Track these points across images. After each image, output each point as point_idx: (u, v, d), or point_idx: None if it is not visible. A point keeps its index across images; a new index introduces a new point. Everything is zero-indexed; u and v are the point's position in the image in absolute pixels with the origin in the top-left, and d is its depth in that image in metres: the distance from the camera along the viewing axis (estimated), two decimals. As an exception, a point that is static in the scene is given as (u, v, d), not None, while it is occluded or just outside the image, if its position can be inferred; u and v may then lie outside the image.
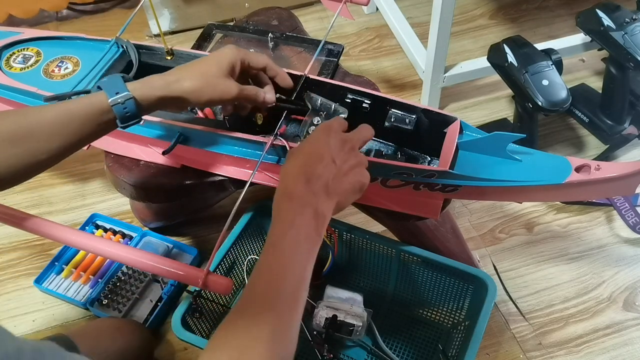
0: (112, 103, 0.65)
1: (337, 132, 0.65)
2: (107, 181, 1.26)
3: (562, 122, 1.37)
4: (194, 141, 0.84)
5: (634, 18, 1.13)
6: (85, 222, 1.19)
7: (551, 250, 1.16)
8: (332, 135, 0.64)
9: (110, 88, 0.66)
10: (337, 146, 0.63)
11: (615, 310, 1.07)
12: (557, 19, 1.61)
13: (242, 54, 0.73)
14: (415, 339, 0.99)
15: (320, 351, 0.92)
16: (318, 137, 0.64)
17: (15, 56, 0.95)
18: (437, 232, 0.95)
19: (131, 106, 0.66)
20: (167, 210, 1.17)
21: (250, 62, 0.74)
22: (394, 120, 0.83)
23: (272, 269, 0.56)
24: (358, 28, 1.63)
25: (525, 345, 1.03)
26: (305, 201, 0.59)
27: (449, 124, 0.80)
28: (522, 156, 0.74)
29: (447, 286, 0.95)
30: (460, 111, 1.40)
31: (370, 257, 0.98)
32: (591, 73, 1.47)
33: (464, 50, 1.54)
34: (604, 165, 0.70)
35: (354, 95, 0.85)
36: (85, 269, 1.12)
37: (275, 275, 0.55)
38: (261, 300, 0.54)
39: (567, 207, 1.22)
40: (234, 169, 0.86)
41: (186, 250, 1.15)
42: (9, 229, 0.85)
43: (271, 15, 1.12)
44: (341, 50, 0.98)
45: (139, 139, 0.88)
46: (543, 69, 1.09)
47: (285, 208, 0.59)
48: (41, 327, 1.08)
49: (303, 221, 0.58)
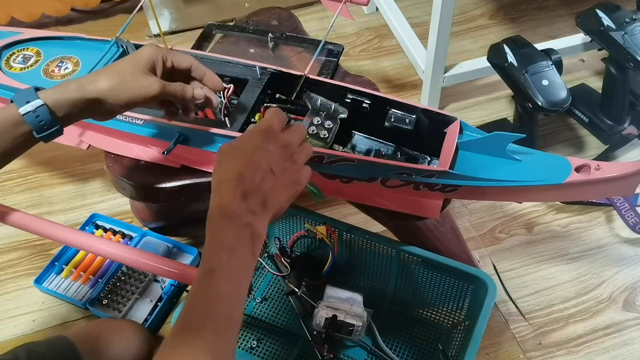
0: (22, 112, 0.62)
1: (277, 134, 0.60)
2: (107, 181, 1.26)
3: (562, 122, 1.37)
4: (194, 141, 0.84)
5: (634, 18, 1.13)
6: (85, 222, 1.19)
7: (551, 250, 1.16)
8: (272, 140, 0.59)
9: (20, 99, 0.63)
10: (277, 153, 0.58)
11: (615, 310, 1.07)
12: (557, 19, 1.61)
13: (163, 51, 0.70)
14: (415, 339, 0.99)
15: (320, 351, 0.92)
16: (256, 141, 0.59)
17: (15, 56, 0.95)
18: (437, 232, 0.95)
19: (44, 114, 0.63)
20: (167, 210, 1.17)
21: (173, 61, 0.71)
22: (394, 120, 0.83)
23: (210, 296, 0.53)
24: (358, 28, 1.63)
25: (525, 345, 1.03)
26: (243, 222, 0.55)
27: (449, 124, 0.80)
28: (522, 156, 0.74)
29: (447, 286, 0.95)
30: (460, 111, 1.40)
31: (370, 257, 0.99)
32: (591, 73, 1.47)
33: (464, 50, 1.54)
34: (603, 165, 0.70)
35: (354, 95, 0.85)
36: (85, 269, 1.12)
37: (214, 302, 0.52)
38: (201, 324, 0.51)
39: (567, 207, 1.22)
40: (234, 169, 0.86)
41: (186, 250, 1.15)
42: (9, 229, 0.85)
43: (271, 15, 1.12)
44: (341, 50, 0.98)
45: (139, 139, 0.88)
46: (543, 69, 1.09)
47: (222, 228, 0.55)
48: (41, 327, 1.08)
49: (241, 245, 0.54)
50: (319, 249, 0.98)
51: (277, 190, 0.58)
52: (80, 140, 0.94)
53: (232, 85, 0.86)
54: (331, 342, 0.93)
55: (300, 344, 0.98)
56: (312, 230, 0.95)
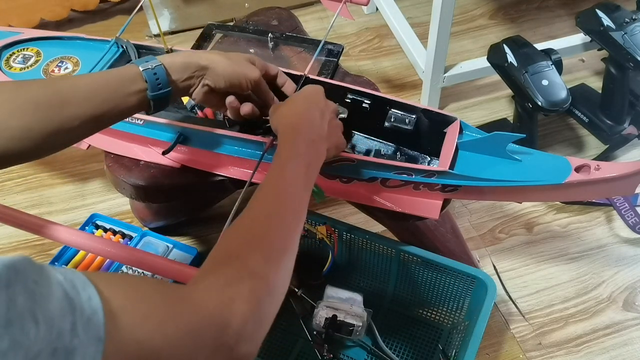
0: (142, 68, 0.67)
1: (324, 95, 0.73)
2: (107, 181, 1.26)
3: (562, 122, 1.37)
4: (194, 141, 0.84)
5: (634, 18, 1.13)
6: (85, 222, 1.19)
7: (551, 250, 1.16)
8: (321, 96, 0.72)
9: (139, 61, 0.68)
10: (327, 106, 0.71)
11: (615, 310, 1.07)
12: (557, 19, 1.61)
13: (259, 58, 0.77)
14: (415, 339, 0.99)
15: (320, 351, 0.92)
16: (314, 93, 0.72)
17: (15, 56, 0.95)
18: (437, 232, 0.95)
19: (161, 72, 0.68)
20: (167, 210, 1.17)
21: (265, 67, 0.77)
22: (394, 120, 0.83)
23: (278, 184, 0.60)
24: (358, 28, 1.63)
25: (525, 345, 1.03)
26: (310, 138, 0.66)
27: (449, 124, 0.80)
28: (522, 156, 0.74)
29: (447, 286, 0.95)
30: (460, 111, 1.40)
31: (370, 257, 0.99)
32: (591, 73, 1.47)
33: (464, 50, 1.54)
34: (603, 165, 0.70)
35: (354, 95, 0.85)
36: (85, 269, 1.12)
37: (283, 190, 0.60)
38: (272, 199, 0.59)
39: (567, 207, 1.22)
40: (234, 169, 0.86)
41: (186, 250, 1.15)
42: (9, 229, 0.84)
43: (271, 15, 1.12)
44: (341, 50, 0.98)
45: (139, 139, 0.88)
46: (543, 69, 1.09)
47: (292, 139, 0.65)
48: (41, 327, 1.08)
49: (308, 154, 0.64)
50: (319, 249, 0.98)
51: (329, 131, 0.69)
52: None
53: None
54: (331, 342, 0.93)
55: (300, 344, 0.98)
56: (312, 230, 0.95)
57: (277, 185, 0.60)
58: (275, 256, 0.54)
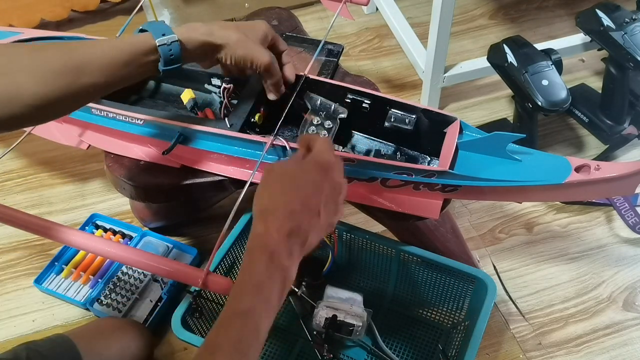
0: (159, 43, 0.66)
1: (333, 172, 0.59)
2: (107, 181, 1.26)
3: (562, 122, 1.37)
4: (194, 141, 0.84)
5: (634, 18, 1.13)
6: (85, 222, 1.19)
7: (551, 250, 1.16)
8: (328, 179, 0.58)
9: (156, 30, 0.67)
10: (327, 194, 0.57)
11: (615, 310, 1.07)
12: (557, 19, 1.61)
13: (272, 31, 0.77)
14: (415, 339, 0.99)
15: (320, 351, 0.92)
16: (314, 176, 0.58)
17: (15, 56, 0.94)
18: (437, 232, 0.95)
19: (176, 49, 0.67)
20: (167, 210, 1.17)
21: (276, 42, 0.77)
22: (394, 120, 0.83)
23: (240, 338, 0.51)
24: (358, 28, 1.63)
25: (525, 345, 1.03)
26: (282, 265, 0.54)
27: (449, 124, 0.80)
28: (522, 156, 0.74)
29: (447, 286, 0.95)
30: (460, 111, 1.40)
31: (370, 257, 0.99)
32: (591, 73, 1.47)
33: (464, 50, 1.54)
34: (603, 165, 0.70)
35: (353, 95, 0.85)
36: (85, 269, 1.12)
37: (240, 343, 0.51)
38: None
39: (567, 207, 1.22)
40: (234, 169, 0.86)
41: (186, 250, 1.15)
42: (9, 229, 0.84)
43: (271, 15, 1.12)
44: (341, 50, 0.98)
45: (139, 139, 0.88)
46: (543, 69, 1.09)
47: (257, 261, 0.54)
48: (41, 327, 1.08)
49: (271, 284, 0.53)
50: (319, 249, 0.98)
51: (317, 232, 0.57)
52: (80, 140, 0.94)
53: (232, 85, 0.86)
54: (331, 342, 0.93)
55: (300, 344, 0.98)
56: (312, 230, 0.95)
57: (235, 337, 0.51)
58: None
